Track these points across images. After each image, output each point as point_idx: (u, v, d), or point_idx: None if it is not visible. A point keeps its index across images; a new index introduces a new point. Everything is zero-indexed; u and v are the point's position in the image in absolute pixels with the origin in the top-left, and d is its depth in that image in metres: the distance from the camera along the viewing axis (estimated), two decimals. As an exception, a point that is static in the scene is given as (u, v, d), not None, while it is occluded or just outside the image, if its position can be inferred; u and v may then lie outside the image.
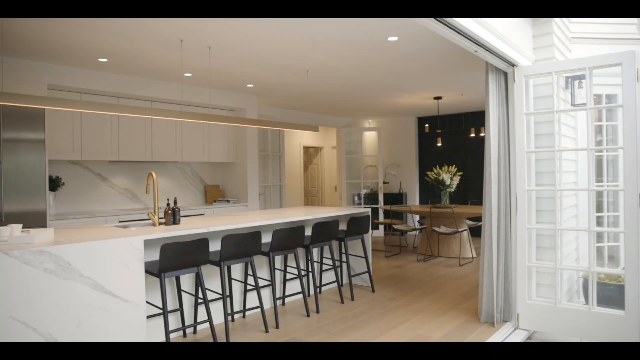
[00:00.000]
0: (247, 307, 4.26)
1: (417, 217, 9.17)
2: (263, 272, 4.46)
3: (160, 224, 3.76)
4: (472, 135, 8.37)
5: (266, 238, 4.49)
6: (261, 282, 4.41)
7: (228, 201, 6.77)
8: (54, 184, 5.04)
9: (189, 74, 5.42)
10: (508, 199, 3.81)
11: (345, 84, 6.13)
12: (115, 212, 5.38)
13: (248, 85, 6.21)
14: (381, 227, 9.45)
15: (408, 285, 5.27)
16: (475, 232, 8.64)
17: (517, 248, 3.72)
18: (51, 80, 4.82)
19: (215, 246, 4.01)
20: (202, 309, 3.93)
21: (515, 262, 3.74)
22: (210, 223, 3.78)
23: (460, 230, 6.57)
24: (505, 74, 3.81)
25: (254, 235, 3.70)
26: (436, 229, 6.67)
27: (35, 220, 4.45)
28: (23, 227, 4.33)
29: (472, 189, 8.93)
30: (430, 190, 9.30)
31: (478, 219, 7.71)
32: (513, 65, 3.66)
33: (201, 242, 3.31)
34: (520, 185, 3.69)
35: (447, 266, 6.26)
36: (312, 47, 4.38)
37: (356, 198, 9.74)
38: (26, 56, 4.52)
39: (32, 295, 2.47)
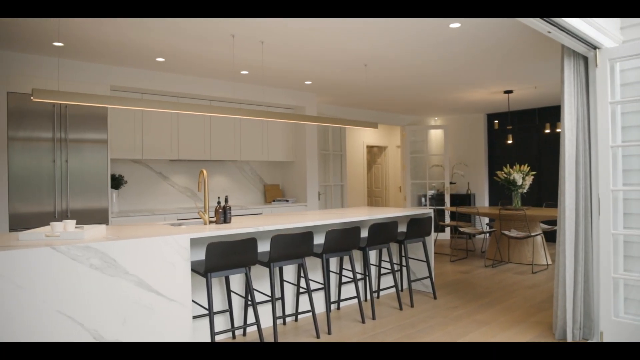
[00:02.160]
0: (299, 310, 4.12)
1: (485, 220, 8.63)
2: (318, 275, 4.30)
3: (210, 222, 3.71)
4: (547, 131, 7.72)
5: (321, 239, 4.32)
6: (315, 285, 4.25)
7: (287, 201, 6.70)
8: (117, 182, 5.20)
9: (246, 72, 5.39)
10: (588, 200, 3.36)
11: (406, 76, 5.83)
12: (175, 210, 5.46)
13: (306, 82, 6.09)
14: (447, 229, 8.99)
15: (474, 292, 4.88)
16: (551, 237, 7.97)
17: (599, 256, 3.26)
18: (112, 81, 4.97)
19: (267, 246, 3.90)
20: (252, 311, 3.84)
21: (598, 273, 3.29)
22: (260, 222, 3.68)
23: (533, 234, 6.03)
24: (585, 58, 3.37)
25: (304, 235, 3.55)
26: (506, 232, 6.18)
27: (98, 217, 4.60)
28: (88, 224, 4.49)
29: (546, 190, 8.26)
30: (501, 191, 8.73)
31: (554, 222, 7.08)
32: (595, 47, 3.22)
33: (249, 242, 3.20)
34: (603, 185, 3.24)
35: (518, 273, 5.77)
36: (369, 36, 4.15)
37: (422, 199, 9.34)
38: (88, 59, 4.68)
39: (78, 290, 2.48)
